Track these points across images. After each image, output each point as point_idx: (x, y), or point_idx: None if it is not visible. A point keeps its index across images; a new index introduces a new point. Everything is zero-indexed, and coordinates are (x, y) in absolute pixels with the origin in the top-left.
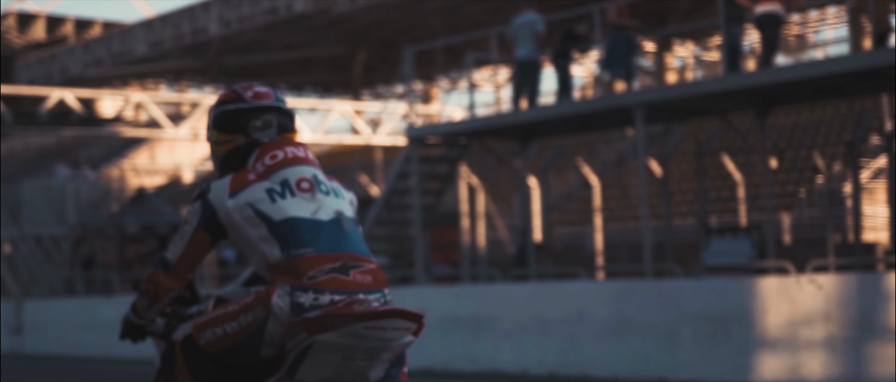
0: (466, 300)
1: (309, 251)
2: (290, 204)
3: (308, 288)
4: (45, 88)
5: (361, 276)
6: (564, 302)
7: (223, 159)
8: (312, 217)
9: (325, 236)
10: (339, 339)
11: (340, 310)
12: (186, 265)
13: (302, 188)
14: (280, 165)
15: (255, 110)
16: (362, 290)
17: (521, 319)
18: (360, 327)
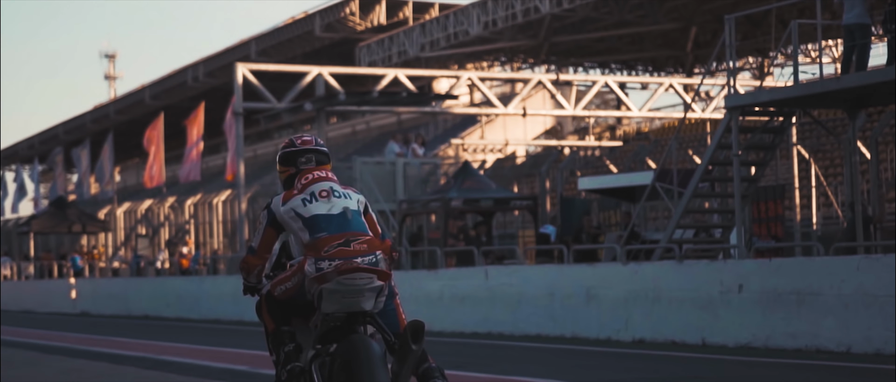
0: (787, 273)
1: (324, 234)
2: (314, 206)
3: (324, 258)
4: (380, 69)
5: (359, 246)
6: (892, 278)
7: (284, 182)
8: (328, 213)
9: (334, 224)
10: (332, 286)
11: (334, 269)
12: (263, 250)
13: (322, 196)
14: (310, 183)
15: (301, 152)
16: (359, 255)
17: (846, 294)
18: (340, 278)
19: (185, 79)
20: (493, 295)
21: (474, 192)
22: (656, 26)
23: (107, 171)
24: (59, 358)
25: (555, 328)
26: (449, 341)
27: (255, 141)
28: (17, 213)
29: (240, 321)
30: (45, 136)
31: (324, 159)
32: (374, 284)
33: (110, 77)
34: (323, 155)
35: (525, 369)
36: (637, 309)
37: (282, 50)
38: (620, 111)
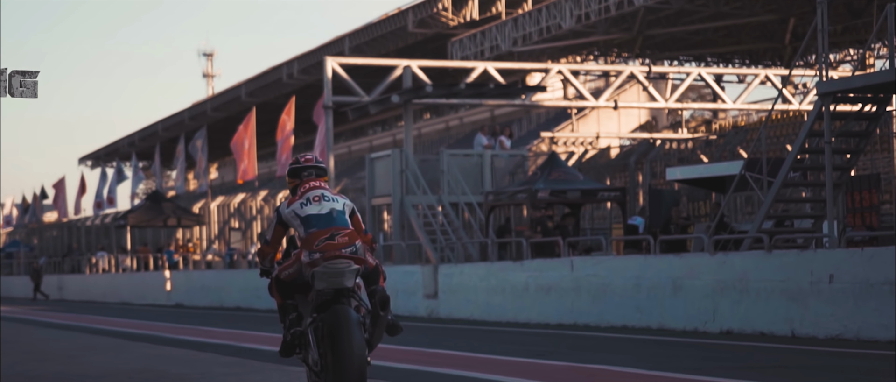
0: (880, 263)
1: (315, 230)
2: (309, 208)
3: (315, 250)
4: (469, 62)
5: (341, 238)
6: None
7: (291, 190)
8: (318, 213)
9: (323, 221)
10: (321, 270)
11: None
12: (274, 242)
13: (314, 200)
14: (307, 191)
15: (304, 168)
16: (343, 246)
17: None
18: (326, 264)
19: (279, 76)
20: (579, 286)
21: (561, 183)
22: (753, 18)
23: (201, 166)
24: (144, 345)
25: (640, 319)
26: (533, 331)
27: (349, 138)
28: (115, 208)
29: None
30: (145, 133)
31: (321, 173)
32: (352, 267)
33: (208, 75)
34: (321, 170)
35: (606, 358)
36: (725, 300)
37: (375, 46)
38: (715, 104)
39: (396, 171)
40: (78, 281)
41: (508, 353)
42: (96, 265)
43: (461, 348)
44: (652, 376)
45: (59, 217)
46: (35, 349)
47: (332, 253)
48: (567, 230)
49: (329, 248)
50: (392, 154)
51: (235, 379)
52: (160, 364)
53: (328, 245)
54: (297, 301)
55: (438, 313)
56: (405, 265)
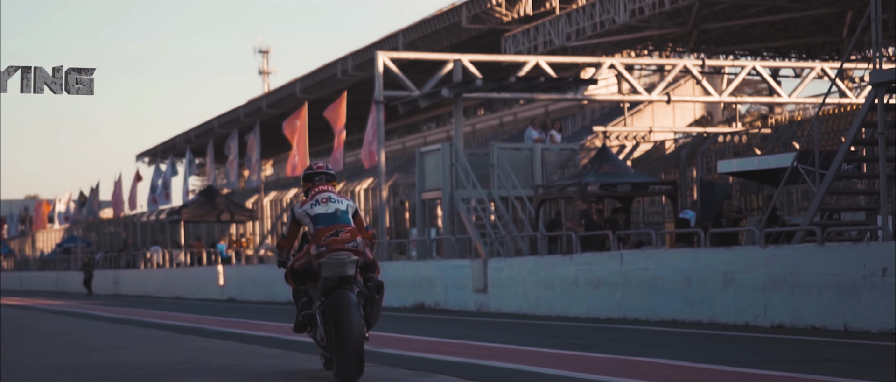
0: None
1: (322, 226)
2: (317, 208)
3: (322, 244)
4: (520, 56)
5: (344, 234)
6: None
7: (305, 193)
8: (324, 212)
9: (328, 219)
10: (326, 260)
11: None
12: (291, 237)
13: (322, 201)
14: (316, 193)
15: (316, 174)
16: (345, 241)
17: None
18: (330, 255)
19: (334, 72)
20: (628, 280)
21: (611, 176)
22: (810, 11)
23: (253, 161)
24: (191, 337)
25: (691, 313)
26: (582, 326)
27: (403, 134)
28: (170, 203)
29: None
30: (201, 130)
31: (331, 179)
32: (352, 258)
33: (264, 72)
34: (330, 176)
35: (653, 351)
36: (776, 294)
37: (428, 42)
38: (770, 98)
39: (446, 165)
40: (133, 276)
41: (554, 346)
42: (150, 260)
43: (506, 341)
44: (697, 368)
45: (115, 213)
46: (82, 340)
47: (336, 246)
48: (617, 225)
49: (334, 242)
50: (442, 148)
51: (275, 370)
52: (203, 355)
53: (333, 240)
54: (307, 288)
55: (488, 307)
56: (455, 259)
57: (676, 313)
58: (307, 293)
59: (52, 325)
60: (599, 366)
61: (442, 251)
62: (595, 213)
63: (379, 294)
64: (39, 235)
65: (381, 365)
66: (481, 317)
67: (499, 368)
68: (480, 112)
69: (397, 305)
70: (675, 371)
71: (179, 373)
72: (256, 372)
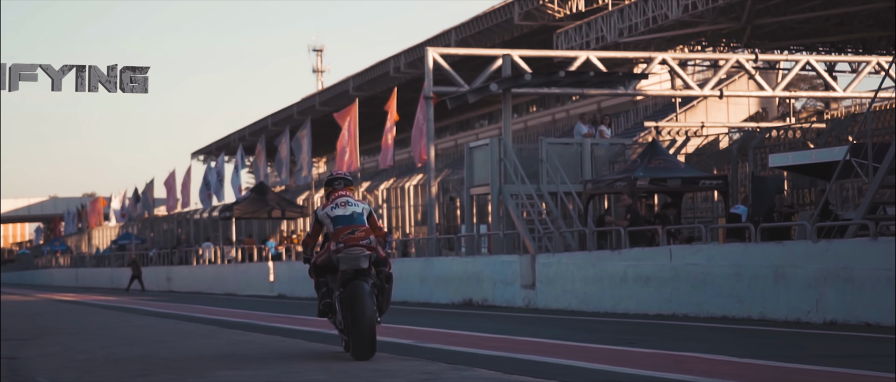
0: None
1: (340, 226)
2: (336, 211)
3: (341, 242)
4: (571, 52)
5: (360, 233)
6: None
7: (326, 196)
8: (343, 214)
9: (346, 220)
10: (344, 255)
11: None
12: (314, 235)
13: (341, 204)
14: (336, 197)
15: (336, 179)
16: (361, 239)
17: None
18: (347, 251)
19: (386, 70)
20: (678, 276)
21: (661, 171)
22: (866, 6)
23: (304, 158)
24: (236, 331)
25: (741, 309)
26: (630, 322)
27: (455, 131)
28: (223, 200)
29: (426, 302)
30: (255, 127)
31: (349, 183)
32: (365, 254)
33: (317, 70)
34: (348, 181)
35: (700, 346)
36: (828, 289)
37: (480, 39)
38: (825, 93)
39: (494, 160)
40: (185, 272)
41: (599, 342)
42: (203, 256)
43: (551, 336)
44: (743, 363)
45: (168, 210)
46: (127, 334)
47: (352, 243)
48: (667, 220)
49: (350, 240)
50: (490, 143)
51: (316, 363)
52: (245, 348)
53: (350, 238)
54: (327, 280)
55: (536, 303)
56: (503, 255)
57: (726, 309)
58: (327, 284)
59: (101, 320)
60: (642, 361)
61: (490, 246)
62: (644, 208)
63: (389, 284)
64: (95, 232)
65: (420, 359)
66: (529, 313)
67: (539, 362)
68: (533, 109)
69: (445, 301)
70: (720, 365)
71: (218, 365)
72: (293, 365)
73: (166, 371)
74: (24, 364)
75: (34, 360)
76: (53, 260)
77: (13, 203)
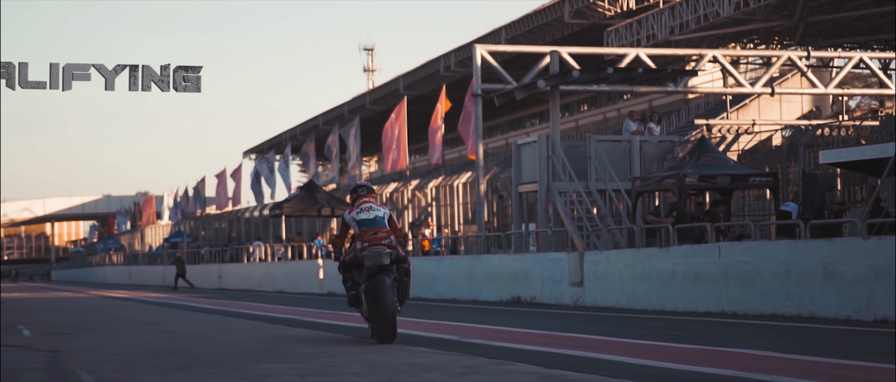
0: None
1: (365, 228)
2: (361, 215)
3: (365, 242)
4: (620, 49)
5: (382, 234)
6: None
7: (351, 202)
8: (366, 218)
9: (369, 223)
10: (368, 253)
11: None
12: (342, 236)
13: (365, 209)
14: (360, 203)
15: (360, 187)
16: (383, 239)
17: None
18: (370, 249)
19: (437, 69)
20: (726, 273)
21: (710, 168)
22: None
23: (353, 156)
24: (281, 327)
25: (790, 307)
26: (678, 319)
27: (506, 130)
28: (273, 198)
29: (474, 300)
30: (306, 126)
31: (371, 191)
32: (386, 252)
33: (368, 69)
34: (370, 189)
35: (746, 343)
36: (879, 286)
37: (530, 37)
38: (879, 90)
39: (542, 157)
40: (236, 270)
41: (645, 338)
42: (253, 254)
43: (596, 333)
44: (789, 359)
45: (219, 208)
46: (172, 329)
47: (375, 243)
48: (717, 217)
49: (373, 240)
50: (538, 140)
51: (356, 358)
52: (287, 343)
53: (373, 238)
54: (354, 275)
55: (584, 301)
56: (551, 252)
57: (776, 306)
58: (353, 279)
59: (147, 316)
60: (685, 356)
61: (538, 244)
62: (693, 206)
63: (407, 278)
64: (148, 230)
65: (461, 354)
66: (576, 311)
67: (580, 357)
68: (584, 108)
69: (494, 299)
70: (765, 361)
71: (259, 359)
72: (334, 358)
73: (206, 364)
74: (66, 357)
75: (77, 353)
76: (107, 258)
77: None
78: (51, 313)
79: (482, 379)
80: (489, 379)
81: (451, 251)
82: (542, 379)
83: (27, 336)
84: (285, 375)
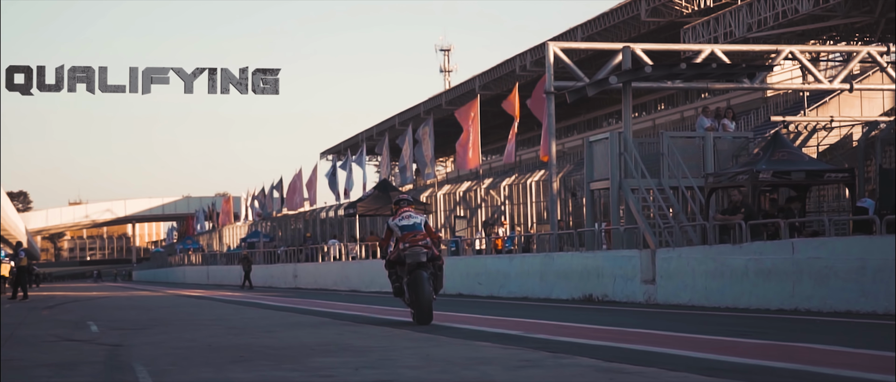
0: None
1: (406, 232)
2: (403, 222)
3: (407, 243)
4: (695, 45)
5: (420, 237)
6: None
7: (393, 211)
8: (408, 224)
9: (410, 228)
10: (409, 252)
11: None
12: (387, 239)
13: (405, 217)
14: (402, 212)
15: (401, 200)
16: (420, 241)
17: None
18: (411, 249)
19: (512, 68)
20: (800, 269)
21: (785, 164)
22: None
23: (428, 155)
24: (346, 323)
25: (866, 304)
26: (750, 316)
27: (582, 129)
28: (348, 198)
29: (546, 298)
30: (383, 127)
31: (410, 203)
32: (423, 251)
33: (445, 70)
34: (409, 201)
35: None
36: None
37: (606, 36)
38: None
39: (614, 154)
40: (311, 270)
41: (712, 334)
42: (328, 253)
43: (664, 330)
44: (858, 353)
45: (293, 208)
46: (237, 326)
47: (414, 244)
48: (792, 214)
49: (413, 242)
50: (610, 137)
51: (415, 352)
52: (350, 338)
53: (413, 240)
54: (397, 270)
55: (656, 298)
56: (623, 249)
57: (851, 303)
58: (397, 273)
59: (216, 312)
60: (749, 350)
61: (610, 241)
62: (768, 202)
63: (440, 272)
64: (225, 230)
65: (522, 348)
66: (648, 308)
67: (642, 351)
68: (661, 107)
69: (565, 297)
70: (831, 355)
71: (317, 352)
72: (393, 352)
73: (263, 358)
74: (126, 351)
75: (138, 348)
76: (186, 258)
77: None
78: (123, 310)
79: (538, 372)
80: (545, 372)
81: (524, 250)
82: (599, 372)
83: (94, 331)
84: (340, 367)
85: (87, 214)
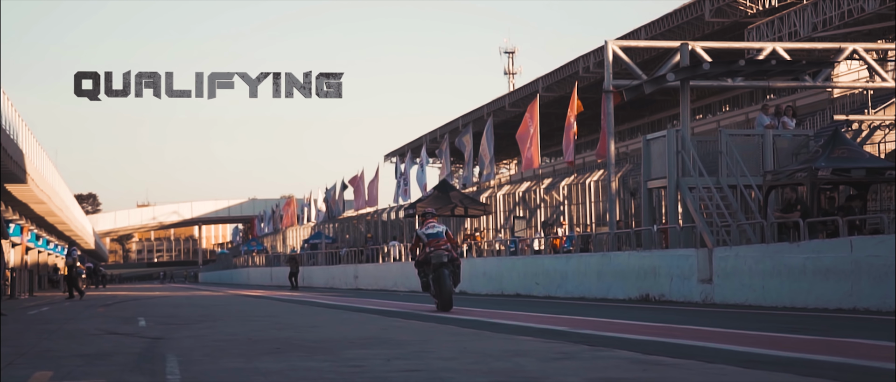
0: None
1: (431, 238)
2: (428, 230)
3: (431, 247)
4: (756, 43)
5: (442, 242)
6: None
7: (420, 222)
8: (432, 232)
9: (434, 236)
10: (433, 254)
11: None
12: (416, 244)
13: (430, 226)
14: (428, 222)
15: (428, 214)
16: (442, 245)
17: None
18: (435, 252)
19: (576, 70)
20: (859, 268)
21: (845, 161)
22: None
23: (487, 156)
24: (393, 319)
25: None
26: (807, 315)
27: (646, 130)
28: (409, 198)
29: (603, 298)
30: (446, 129)
31: (433, 215)
32: (445, 253)
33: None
34: (433, 213)
35: (869, 336)
36: None
37: (670, 36)
38: None
39: (672, 152)
40: (371, 270)
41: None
42: (389, 254)
43: (713, 326)
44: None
45: (358, 210)
46: (284, 321)
47: (438, 248)
48: (852, 212)
49: (437, 246)
50: (668, 135)
51: (453, 345)
52: (393, 333)
53: (436, 245)
54: (424, 269)
55: (713, 298)
56: (680, 249)
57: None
58: (424, 271)
59: (269, 310)
60: (794, 345)
61: (667, 240)
62: (826, 200)
63: (458, 270)
64: (289, 232)
65: (563, 341)
66: (704, 308)
67: (682, 345)
68: (725, 108)
69: (622, 296)
70: (878, 350)
71: (355, 345)
72: (431, 345)
73: (299, 350)
74: (165, 344)
75: (177, 340)
76: (250, 260)
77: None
78: (178, 308)
79: (574, 364)
80: (581, 364)
81: (582, 249)
82: (634, 364)
83: (141, 326)
84: (372, 359)
85: (154, 216)
